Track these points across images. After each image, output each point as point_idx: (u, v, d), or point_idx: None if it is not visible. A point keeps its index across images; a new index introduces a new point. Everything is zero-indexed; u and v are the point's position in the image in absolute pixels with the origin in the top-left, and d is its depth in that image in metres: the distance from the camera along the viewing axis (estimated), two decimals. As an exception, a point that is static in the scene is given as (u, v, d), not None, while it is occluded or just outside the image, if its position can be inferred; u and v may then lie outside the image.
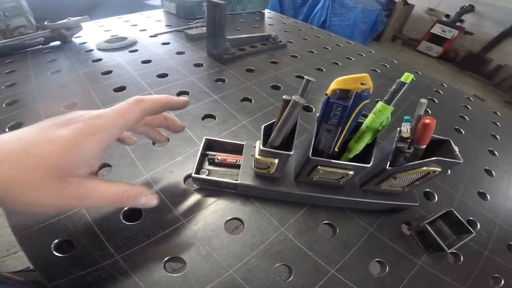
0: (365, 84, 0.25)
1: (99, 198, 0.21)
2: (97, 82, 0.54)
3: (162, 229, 0.31)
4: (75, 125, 0.20)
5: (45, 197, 0.19)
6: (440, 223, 0.38)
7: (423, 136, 0.30)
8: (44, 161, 0.18)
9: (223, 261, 0.30)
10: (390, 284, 0.32)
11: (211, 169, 0.38)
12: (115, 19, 0.87)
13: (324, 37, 0.95)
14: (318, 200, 0.38)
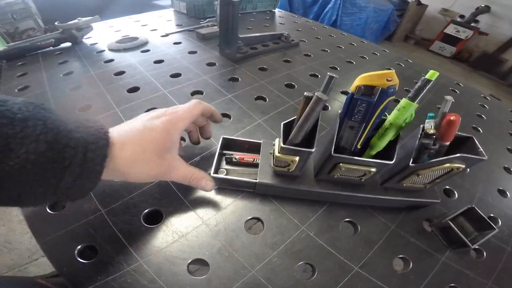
0: (391, 80, 0.25)
1: (179, 173, 0.30)
2: (111, 83, 0.55)
3: (184, 231, 0.32)
4: (164, 118, 0.29)
5: (152, 168, 0.27)
6: (461, 219, 0.38)
7: (447, 133, 0.30)
8: (151, 143, 0.27)
9: (245, 262, 0.30)
10: (414, 280, 0.32)
11: (229, 168, 0.38)
12: (125, 19, 0.88)
13: (337, 36, 0.95)
14: (338, 198, 0.38)
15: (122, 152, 0.25)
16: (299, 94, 0.58)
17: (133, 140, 0.26)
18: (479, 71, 3.54)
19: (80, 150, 0.21)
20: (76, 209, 0.32)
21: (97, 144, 0.22)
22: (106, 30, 0.80)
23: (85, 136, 0.22)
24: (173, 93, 0.52)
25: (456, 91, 0.76)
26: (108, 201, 0.33)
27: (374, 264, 0.33)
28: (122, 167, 0.25)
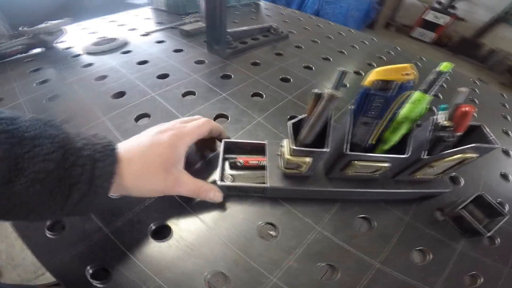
0: (410, 75, 0.24)
1: (186, 187, 0.30)
2: (92, 89, 0.51)
3: (195, 243, 0.30)
4: (171, 132, 0.29)
5: (157, 183, 0.27)
6: (471, 207, 0.38)
7: (460, 124, 0.30)
8: (158, 158, 0.27)
9: (263, 269, 0.29)
10: (435, 271, 0.33)
11: (234, 173, 0.36)
12: (99, 20, 0.83)
13: (325, 27, 0.94)
14: (351, 195, 0.37)
15: (128, 167, 0.25)
16: (296, 88, 0.57)
17: (140, 155, 0.27)
18: (460, 55, 3.67)
19: (87, 168, 0.21)
20: (77, 230, 0.30)
21: (105, 161, 0.23)
22: (80, 33, 0.75)
23: (92, 154, 0.22)
24: (163, 95, 0.49)
25: (447, 78, 0.77)
26: (110, 219, 0.31)
27: (394, 258, 0.33)
28: (128, 182, 0.25)
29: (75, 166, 0.21)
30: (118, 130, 0.42)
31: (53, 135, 0.21)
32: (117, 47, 0.66)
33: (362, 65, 0.72)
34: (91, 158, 0.22)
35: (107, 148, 0.24)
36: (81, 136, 0.24)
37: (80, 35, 0.73)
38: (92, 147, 0.23)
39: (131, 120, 0.44)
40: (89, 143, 0.23)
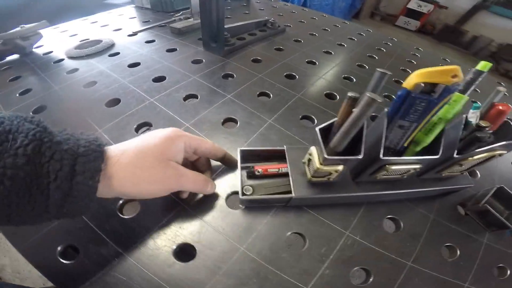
0: (457, 77, 0.23)
1: (189, 179, 0.29)
2: (83, 97, 0.47)
3: (224, 261, 0.29)
4: (170, 129, 0.29)
5: (156, 176, 0.26)
6: (491, 199, 0.39)
7: (494, 122, 0.30)
8: (153, 149, 0.26)
9: (297, 281, 0.28)
10: (465, 266, 0.33)
11: (253, 183, 0.34)
12: (78, 22, 0.78)
13: (319, 19, 0.93)
14: (378, 197, 0.36)
15: (120, 160, 0.24)
16: (302, 84, 0.54)
17: (134, 145, 0.26)
18: (444, 42, 3.77)
19: (66, 163, 0.20)
20: (91, 254, 0.28)
21: (88, 157, 0.21)
22: (59, 36, 0.70)
23: (74, 148, 0.21)
24: (163, 100, 0.46)
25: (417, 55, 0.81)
26: (126, 242, 0.29)
27: (425, 256, 0.33)
28: (122, 177, 0.24)
29: (51, 161, 0.19)
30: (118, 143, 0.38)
31: (29, 129, 0.19)
32: (103, 50, 0.62)
33: (363, 58, 0.71)
34: (72, 153, 0.20)
35: (92, 143, 0.22)
36: (64, 132, 0.22)
37: (60, 39, 0.68)
38: (74, 141, 0.21)
39: (131, 131, 0.40)
40: (72, 138, 0.22)
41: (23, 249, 0.28)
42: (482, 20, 3.63)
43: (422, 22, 3.82)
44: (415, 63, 0.75)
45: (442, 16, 3.86)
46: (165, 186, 0.27)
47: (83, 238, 0.29)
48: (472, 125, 0.30)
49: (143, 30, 0.70)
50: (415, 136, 0.30)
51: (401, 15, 3.89)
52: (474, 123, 0.30)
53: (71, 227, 0.29)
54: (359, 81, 0.59)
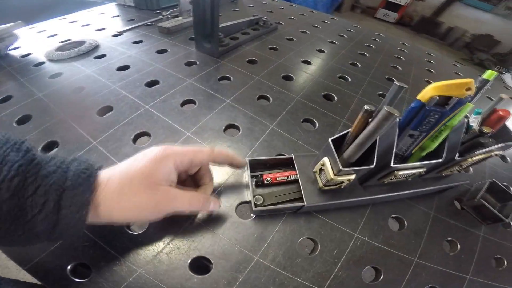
0: (470, 90, 0.23)
1: (183, 201, 0.27)
2: (71, 105, 0.44)
3: (240, 273, 0.29)
4: (158, 149, 0.27)
5: (143, 201, 0.24)
6: (485, 194, 0.41)
7: (494, 126, 0.32)
8: (139, 173, 0.24)
9: (312, 284, 0.29)
10: (466, 259, 0.35)
11: (263, 192, 0.33)
12: (57, 21, 0.73)
13: (308, 15, 0.92)
14: (383, 199, 0.37)
15: (106, 188, 0.23)
16: (300, 86, 0.54)
17: (120, 171, 0.25)
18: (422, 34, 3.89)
19: (50, 198, 0.20)
20: (104, 271, 0.27)
21: (75, 191, 0.21)
22: (37, 37, 0.65)
23: (60, 182, 0.21)
24: (159, 107, 0.44)
25: (404, 50, 0.84)
26: (139, 258, 0.28)
27: (429, 251, 0.35)
28: (108, 206, 0.23)
29: (35, 196, 0.19)
30: (116, 157, 0.36)
31: (14, 161, 0.19)
32: (88, 51, 0.58)
33: (355, 55, 0.71)
34: (57, 187, 0.20)
35: (81, 175, 0.22)
36: (52, 162, 0.22)
37: (37, 40, 0.63)
38: (61, 174, 0.21)
39: (129, 142, 0.38)
40: (60, 169, 0.21)
41: (29, 268, 0.26)
42: (457, 12, 3.78)
43: (401, 14, 3.93)
44: (403, 59, 0.77)
45: (419, 8, 3.99)
46: (154, 212, 0.25)
47: (93, 256, 0.27)
48: (473, 129, 0.31)
49: (129, 29, 0.67)
50: (423, 143, 0.31)
51: (381, 8, 3.98)
52: (476, 128, 0.31)
53: (78, 245, 0.28)
54: (354, 81, 0.60)
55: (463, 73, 0.82)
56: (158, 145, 0.28)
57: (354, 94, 0.55)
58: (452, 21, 3.81)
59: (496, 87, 0.82)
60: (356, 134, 0.26)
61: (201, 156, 0.29)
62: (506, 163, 0.51)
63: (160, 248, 0.29)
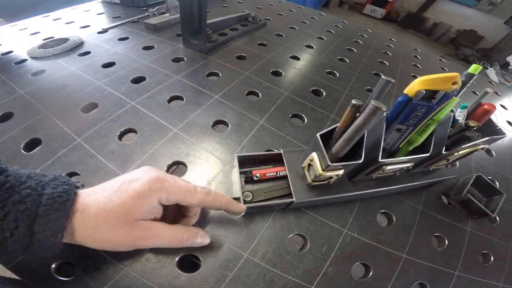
0: (456, 84, 0.23)
1: (163, 238, 0.25)
2: (54, 102, 0.42)
3: (229, 270, 0.28)
4: (146, 179, 0.24)
5: (118, 236, 0.23)
6: (471, 188, 0.41)
7: (480, 120, 0.32)
8: (117, 208, 0.23)
9: (302, 281, 0.29)
10: (453, 254, 0.36)
11: (252, 189, 0.33)
12: (40, 19, 0.70)
13: (297, 11, 0.92)
14: (372, 194, 0.37)
15: (82, 217, 0.22)
16: (289, 82, 0.54)
17: (98, 201, 0.23)
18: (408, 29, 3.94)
19: (21, 224, 0.19)
20: (90, 270, 0.26)
21: (48, 217, 0.20)
22: (19, 34, 0.62)
23: (33, 208, 0.20)
24: (145, 104, 0.43)
25: (391, 46, 0.84)
26: (126, 257, 0.27)
27: (417, 247, 0.35)
28: (83, 235, 0.23)
29: (5, 221, 0.19)
30: (101, 153, 0.35)
31: None
32: (72, 49, 0.56)
33: (343, 51, 0.71)
34: (30, 213, 0.20)
35: (56, 200, 0.21)
36: (27, 184, 0.21)
37: (20, 37, 0.61)
38: (35, 198, 0.20)
39: (114, 139, 0.37)
40: (34, 193, 0.21)
41: (13, 267, 0.25)
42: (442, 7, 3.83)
43: (388, 9, 3.96)
44: (390, 54, 0.77)
45: (405, 3, 4.03)
46: (130, 247, 0.24)
47: (78, 254, 0.27)
48: (459, 123, 0.31)
49: (115, 26, 0.65)
50: (410, 137, 0.31)
51: (368, 3, 3.99)
52: (462, 122, 0.31)
53: None
54: (342, 76, 0.59)
55: (449, 68, 0.83)
56: (150, 168, 0.26)
57: (343, 89, 0.55)
58: (438, 17, 3.86)
59: (480, 82, 0.83)
60: (344, 129, 0.25)
61: (191, 200, 0.26)
62: (492, 157, 0.52)
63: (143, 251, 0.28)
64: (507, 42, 3.43)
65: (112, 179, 0.25)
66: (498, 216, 0.42)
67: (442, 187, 0.43)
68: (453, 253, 0.36)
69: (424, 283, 0.32)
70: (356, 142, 0.26)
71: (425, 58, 0.83)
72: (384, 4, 3.93)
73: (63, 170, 0.33)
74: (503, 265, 0.37)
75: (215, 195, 0.28)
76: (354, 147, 0.27)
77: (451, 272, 0.34)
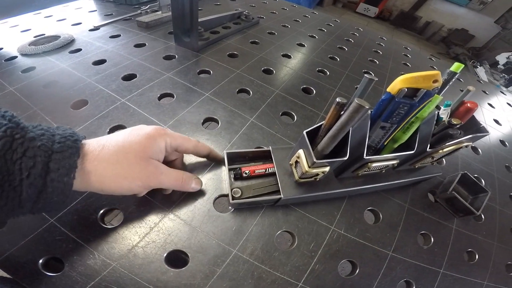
0: (437, 82, 0.24)
1: (169, 177, 0.28)
2: (44, 99, 0.42)
3: (218, 266, 0.28)
4: (151, 127, 0.28)
5: (136, 172, 0.25)
6: (457, 186, 0.41)
7: (463, 118, 0.32)
8: (135, 146, 0.25)
9: (290, 278, 0.29)
10: (439, 252, 0.36)
11: (241, 185, 0.33)
12: (31, 16, 0.69)
13: (289, 9, 0.92)
14: (359, 191, 0.37)
15: (99, 156, 0.23)
16: (280, 80, 0.54)
17: (116, 140, 0.25)
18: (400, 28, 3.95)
19: (39, 160, 0.19)
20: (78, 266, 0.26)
21: (63, 153, 0.20)
22: (10, 32, 0.61)
23: (49, 144, 0.20)
24: (136, 101, 0.43)
25: (382, 44, 0.85)
26: (113, 252, 0.27)
27: (403, 245, 0.35)
28: (101, 174, 0.23)
29: (24, 158, 0.18)
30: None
31: (1, 124, 0.18)
32: (62, 46, 0.55)
33: (334, 50, 0.71)
34: (46, 149, 0.20)
35: (68, 138, 0.21)
36: (38, 127, 0.21)
37: (10, 34, 0.59)
38: (49, 137, 0.21)
39: (104, 135, 0.37)
40: (47, 133, 0.21)
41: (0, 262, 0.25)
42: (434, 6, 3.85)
43: (381, 8, 3.97)
44: (381, 53, 0.77)
45: (398, 2, 4.04)
46: (144, 183, 0.26)
47: (66, 250, 0.26)
48: (443, 121, 0.32)
49: (106, 24, 0.64)
50: (395, 135, 0.31)
51: (362, 2, 4.00)
52: (446, 119, 0.31)
53: (50, 239, 0.27)
54: (332, 74, 0.59)
55: (438, 66, 0.83)
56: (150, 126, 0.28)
57: (333, 87, 0.55)
58: (430, 16, 3.88)
59: (469, 81, 0.84)
60: (329, 127, 0.25)
61: (187, 144, 0.31)
62: (478, 155, 0.53)
63: (135, 242, 0.28)
64: (497, 41, 3.47)
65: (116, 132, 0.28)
66: (483, 214, 0.42)
67: (429, 185, 0.43)
68: (438, 251, 0.36)
69: (410, 281, 0.32)
70: (342, 139, 0.26)
71: (415, 57, 0.84)
72: (377, 2, 3.93)
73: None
74: (487, 263, 0.37)
75: (203, 143, 0.33)
76: (340, 144, 0.27)
77: (436, 270, 0.34)
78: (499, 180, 0.49)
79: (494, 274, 0.37)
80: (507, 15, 3.36)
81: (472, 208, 0.38)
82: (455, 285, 0.34)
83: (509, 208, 0.46)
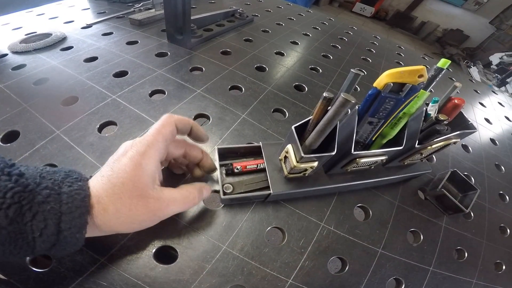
0: (422, 77, 0.24)
1: (178, 203, 0.26)
2: (34, 96, 0.41)
3: (207, 262, 0.28)
4: (131, 151, 0.24)
5: (140, 213, 0.23)
6: (446, 183, 0.42)
7: (450, 114, 0.32)
8: (125, 186, 0.22)
9: (280, 274, 0.29)
10: (429, 250, 0.36)
11: (233, 181, 0.33)
12: (23, 14, 0.68)
13: (285, 7, 0.91)
14: (349, 187, 0.37)
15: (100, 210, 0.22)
16: (273, 77, 0.54)
17: (106, 189, 0.22)
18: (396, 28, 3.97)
19: (50, 222, 0.19)
20: (66, 261, 0.26)
21: (72, 214, 0.20)
22: (0, 29, 0.60)
23: (57, 207, 0.20)
24: (126, 97, 0.42)
25: (376, 43, 0.85)
26: (102, 248, 0.27)
27: (393, 242, 0.35)
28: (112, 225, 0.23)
29: (35, 221, 0.19)
30: (80, 146, 0.34)
31: (7, 187, 0.18)
32: (54, 43, 0.55)
33: (327, 48, 0.71)
34: (55, 212, 0.20)
35: (76, 198, 0.21)
36: (43, 185, 0.20)
37: (0, 32, 0.59)
38: (56, 197, 0.20)
39: (94, 131, 0.37)
40: (53, 193, 0.20)
41: None
42: (430, 6, 3.87)
43: (376, 8, 3.99)
44: (374, 51, 0.78)
45: (394, 2, 4.06)
46: (153, 221, 0.25)
47: None
48: (431, 117, 0.32)
49: (99, 22, 0.64)
50: (383, 131, 0.31)
51: (358, 2, 4.01)
52: (433, 115, 0.32)
53: None
54: (324, 72, 0.59)
55: (431, 66, 0.83)
56: (127, 142, 0.25)
57: (325, 85, 0.55)
58: (425, 16, 3.91)
59: (461, 80, 0.85)
60: (317, 121, 0.26)
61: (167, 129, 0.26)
62: (469, 153, 0.53)
63: (124, 237, 0.28)
64: (491, 41, 3.50)
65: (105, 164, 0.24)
66: (472, 212, 0.42)
67: (419, 183, 0.43)
68: (428, 248, 0.36)
69: (399, 279, 0.32)
70: (330, 134, 0.26)
71: (408, 56, 0.84)
72: (374, 2, 3.95)
73: (42, 161, 0.32)
74: (476, 261, 0.38)
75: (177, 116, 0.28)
76: (328, 139, 0.27)
77: (426, 268, 0.34)
78: (489, 178, 0.50)
79: (483, 272, 0.37)
80: (502, 16, 3.39)
81: (462, 205, 0.38)
82: (444, 283, 0.34)
83: (498, 206, 0.46)
